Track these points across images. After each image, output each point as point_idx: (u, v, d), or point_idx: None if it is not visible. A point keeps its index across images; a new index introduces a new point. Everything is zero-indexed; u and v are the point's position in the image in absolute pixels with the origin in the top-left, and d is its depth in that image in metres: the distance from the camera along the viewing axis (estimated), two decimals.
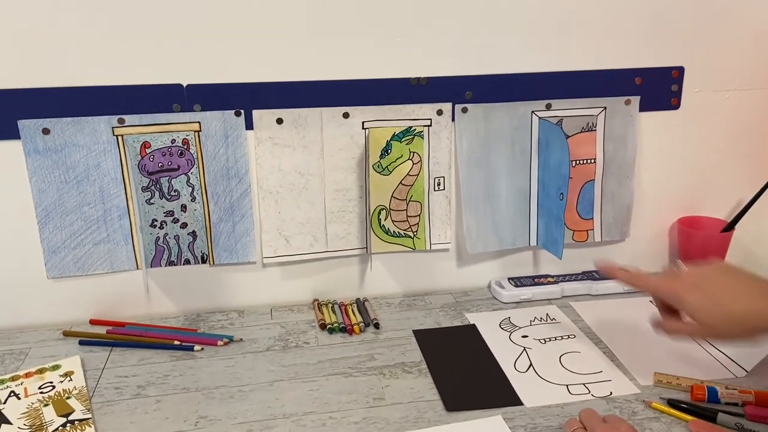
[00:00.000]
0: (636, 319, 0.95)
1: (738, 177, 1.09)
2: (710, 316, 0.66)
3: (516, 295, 1.01)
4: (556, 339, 0.90)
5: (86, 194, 0.91)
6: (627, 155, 1.03)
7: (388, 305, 1.01)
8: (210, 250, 0.96)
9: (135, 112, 0.89)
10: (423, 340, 0.90)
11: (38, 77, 0.85)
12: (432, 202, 1.01)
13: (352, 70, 0.92)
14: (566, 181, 0.94)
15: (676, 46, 1.00)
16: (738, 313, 0.65)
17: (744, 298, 0.65)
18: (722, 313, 0.65)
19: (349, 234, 1.00)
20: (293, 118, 0.93)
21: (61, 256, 0.93)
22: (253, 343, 0.90)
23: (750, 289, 0.66)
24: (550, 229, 1.00)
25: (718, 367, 0.83)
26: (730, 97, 1.04)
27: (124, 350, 0.89)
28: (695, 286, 0.68)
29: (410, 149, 0.97)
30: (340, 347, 0.89)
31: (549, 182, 0.99)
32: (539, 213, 1.03)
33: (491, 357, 0.86)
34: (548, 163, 0.99)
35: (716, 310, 0.66)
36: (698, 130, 1.05)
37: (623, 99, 1.00)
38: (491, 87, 0.96)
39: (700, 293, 0.67)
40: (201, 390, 0.79)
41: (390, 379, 0.81)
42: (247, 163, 0.94)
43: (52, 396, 0.78)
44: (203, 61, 0.88)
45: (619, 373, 0.82)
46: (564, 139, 0.96)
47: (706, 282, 0.68)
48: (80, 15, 0.83)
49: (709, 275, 0.69)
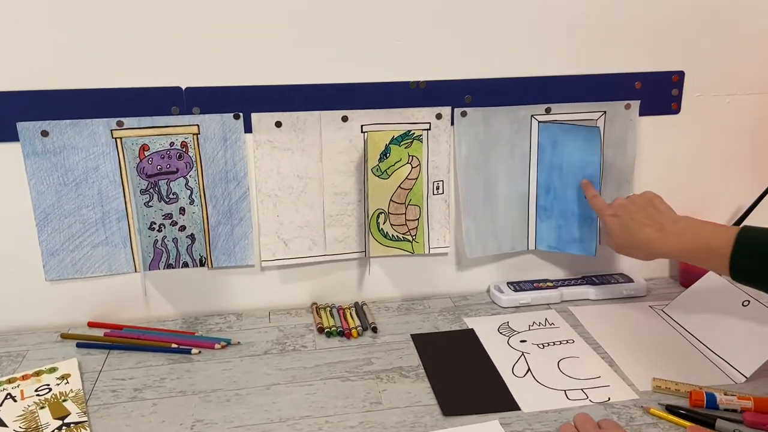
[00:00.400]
0: (635, 323, 0.95)
1: (738, 182, 1.09)
2: (619, 239, 0.88)
3: (515, 299, 1.01)
4: (555, 344, 0.90)
5: (85, 197, 0.91)
6: (626, 160, 1.03)
7: (386, 309, 1.01)
8: (208, 253, 0.96)
9: (134, 115, 0.89)
10: (421, 345, 0.90)
11: (37, 80, 0.85)
12: (431, 206, 1.00)
13: (351, 74, 0.92)
14: (596, 180, 0.98)
15: (677, 51, 1.00)
16: (638, 241, 0.84)
17: (644, 229, 0.83)
18: (627, 239, 0.86)
19: (348, 238, 1.00)
20: (292, 121, 0.93)
21: (60, 259, 0.93)
22: (251, 347, 0.90)
23: (653, 222, 0.83)
24: (569, 230, 1.01)
25: (717, 373, 0.82)
26: (731, 101, 1.04)
27: (121, 353, 0.89)
28: (615, 213, 0.88)
29: (409, 153, 0.97)
30: (338, 351, 0.89)
31: (561, 184, 1.00)
32: (542, 216, 1.03)
33: (489, 362, 0.86)
34: (560, 165, 0.99)
35: (624, 236, 0.86)
36: (698, 134, 1.05)
37: (623, 103, 1.00)
38: (491, 91, 0.96)
39: (617, 220, 0.87)
40: (198, 393, 0.79)
41: (387, 384, 0.81)
42: (245, 166, 0.94)
43: (48, 399, 0.78)
44: (202, 63, 0.88)
45: (617, 378, 0.81)
46: (597, 139, 0.97)
47: (624, 211, 0.87)
48: (79, 18, 0.83)
49: (629, 206, 0.87)
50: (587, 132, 0.98)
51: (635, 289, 1.03)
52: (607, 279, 1.06)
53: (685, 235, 0.80)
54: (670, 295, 1.01)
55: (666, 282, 1.10)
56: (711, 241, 0.76)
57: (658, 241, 0.82)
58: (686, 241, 0.79)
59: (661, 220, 0.83)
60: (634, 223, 0.85)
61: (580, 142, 0.98)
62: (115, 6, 0.84)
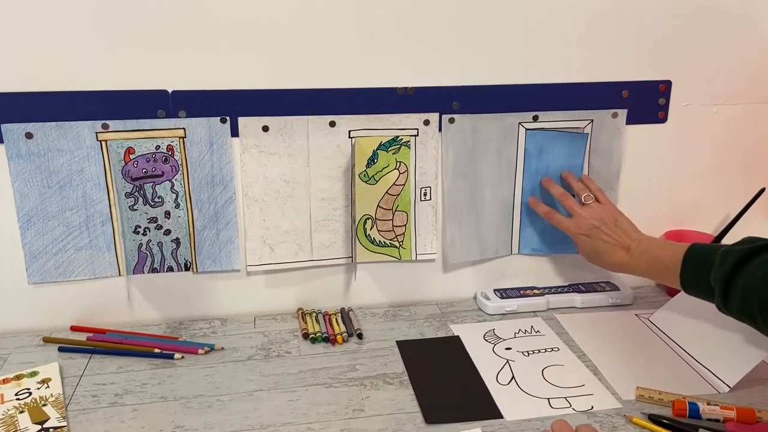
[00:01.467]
0: (620, 332, 0.95)
1: (725, 191, 1.09)
2: (589, 258, 0.94)
3: (501, 306, 1.01)
4: (540, 352, 0.90)
5: (69, 199, 0.90)
6: (612, 168, 1.03)
7: (372, 315, 1.01)
8: (193, 258, 0.96)
9: (119, 118, 0.88)
10: (406, 351, 0.90)
11: (22, 81, 0.84)
12: (418, 212, 1.00)
13: (339, 79, 0.92)
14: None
15: (664, 60, 1.00)
16: (609, 263, 0.91)
17: (615, 251, 0.90)
18: (597, 259, 0.93)
19: (335, 243, 0.99)
20: (279, 125, 0.93)
21: (43, 262, 0.92)
22: (235, 352, 0.89)
23: (622, 244, 0.90)
24: (555, 232, 1.01)
25: (701, 382, 0.82)
26: (718, 111, 1.04)
27: (103, 357, 0.88)
28: (587, 234, 0.93)
29: (397, 159, 0.96)
30: (322, 357, 0.88)
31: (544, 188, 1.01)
32: (526, 221, 1.04)
33: (474, 369, 0.85)
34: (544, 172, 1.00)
35: (594, 256, 0.93)
36: (685, 143, 1.05)
37: (610, 112, 1.00)
38: (479, 98, 0.96)
39: (589, 240, 0.93)
40: (179, 399, 0.78)
41: (371, 390, 0.81)
42: (232, 171, 0.93)
43: (28, 403, 0.77)
44: (189, 67, 0.88)
45: (601, 386, 0.81)
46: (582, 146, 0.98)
47: (596, 233, 0.92)
48: (65, 19, 0.83)
49: (601, 228, 0.92)
50: (573, 138, 0.99)
51: (621, 298, 1.03)
52: (593, 287, 1.06)
53: (646, 255, 0.86)
54: (656, 303, 1.01)
55: (652, 290, 1.10)
56: (665, 260, 0.82)
57: (626, 264, 0.88)
58: (647, 261, 0.86)
59: (628, 243, 0.89)
60: (606, 246, 0.91)
61: (565, 148, 0.99)
62: (102, 8, 0.83)
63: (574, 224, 0.94)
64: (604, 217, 0.93)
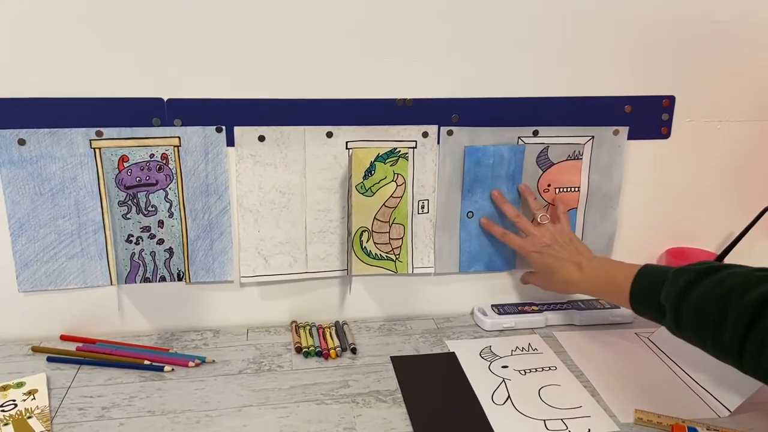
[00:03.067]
0: (619, 351, 0.93)
1: (729, 208, 1.07)
2: (542, 276, 0.95)
3: (498, 323, 0.99)
4: (537, 370, 0.88)
5: (61, 207, 0.89)
6: (612, 186, 1.01)
7: (367, 329, 0.99)
8: (186, 268, 0.94)
9: (114, 125, 0.87)
10: (400, 368, 0.88)
11: (15, 87, 0.83)
12: (415, 225, 0.99)
13: (336, 90, 0.91)
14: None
15: (668, 75, 0.99)
16: (560, 280, 0.90)
17: (568, 267, 0.89)
18: (550, 278, 0.92)
19: (330, 255, 0.98)
20: (276, 135, 0.91)
21: (34, 270, 0.90)
22: (226, 365, 0.88)
23: (574, 261, 0.89)
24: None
25: (701, 405, 0.80)
26: (722, 127, 1.03)
27: (92, 368, 0.86)
28: (540, 251, 0.93)
29: (394, 171, 0.95)
30: (315, 372, 0.86)
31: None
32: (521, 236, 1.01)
33: (469, 387, 0.83)
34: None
35: (547, 275, 0.92)
36: (689, 160, 1.04)
37: (612, 129, 0.99)
38: (478, 110, 0.95)
39: (542, 258, 0.92)
40: (167, 414, 0.77)
41: (363, 408, 0.79)
42: (227, 180, 0.92)
43: (13, 415, 0.75)
44: (185, 75, 0.87)
45: (599, 408, 0.79)
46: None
47: (549, 250, 0.92)
48: (60, 25, 0.82)
49: (553, 246, 0.92)
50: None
51: (621, 316, 1.01)
52: (593, 304, 1.04)
53: (598, 273, 0.86)
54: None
55: None
56: (617, 278, 0.80)
57: (576, 280, 0.88)
58: (598, 279, 0.85)
59: (580, 260, 0.89)
60: (558, 262, 0.90)
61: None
62: (98, 15, 0.82)
63: (528, 243, 0.94)
64: (558, 235, 0.93)
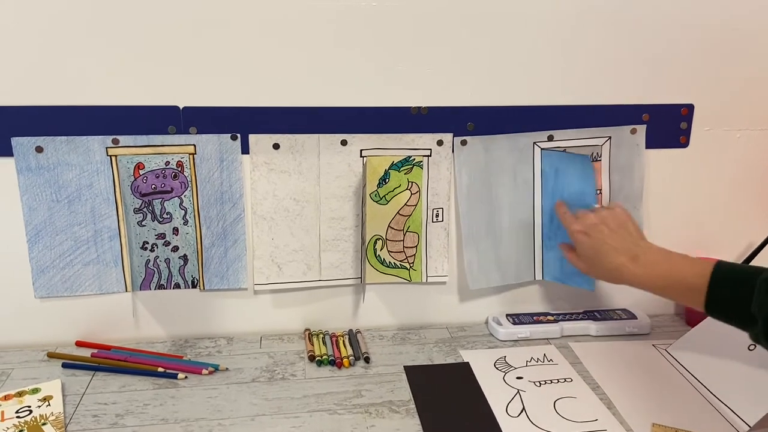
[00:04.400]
0: (637, 363, 0.92)
1: (749, 218, 1.06)
2: (587, 260, 0.83)
3: (513, 333, 0.98)
4: (552, 382, 0.87)
5: (77, 214, 0.89)
6: (634, 185, 1.00)
7: (381, 338, 0.99)
8: (201, 275, 0.95)
9: (130, 133, 0.87)
10: (414, 378, 0.87)
11: (33, 95, 0.84)
12: (430, 233, 0.98)
13: (351, 98, 0.91)
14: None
15: (686, 83, 0.97)
16: (607, 267, 0.80)
17: (617, 256, 0.78)
18: (596, 262, 0.81)
19: (344, 263, 0.98)
20: (290, 143, 0.91)
21: (50, 276, 0.91)
22: (239, 373, 0.88)
23: (625, 249, 0.78)
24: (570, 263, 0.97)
25: (720, 420, 0.79)
26: (741, 136, 1.01)
27: (106, 375, 0.87)
28: (586, 232, 0.83)
29: (409, 179, 0.95)
30: (328, 381, 0.86)
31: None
32: (548, 246, 1.00)
33: (483, 399, 0.83)
34: (561, 194, 0.96)
35: (592, 258, 0.82)
36: (707, 169, 1.02)
37: (629, 128, 0.98)
38: (493, 118, 0.94)
39: (588, 240, 0.82)
40: (180, 422, 0.77)
41: (375, 419, 0.78)
42: (241, 188, 0.92)
43: (27, 421, 0.76)
44: (200, 83, 0.87)
45: (615, 422, 0.78)
46: (589, 168, 0.92)
47: (596, 231, 0.82)
48: (78, 35, 0.83)
49: (601, 227, 0.82)
50: (580, 160, 0.94)
51: (638, 327, 1.00)
52: (609, 315, 1.03)
53: (658, 267, 0.75)
54: (675, 333, 0.97)
55: (671, 319, 1.07)
56: (686, 276, 0.72)
57: (629, 273, 0.77)
58: (659, 274, 0.75)
59: (635, 250, 0.78)
60: (607, 248, 0.80)
61: (578, 171, 0.94)
62: (115, 24, 0.83)
63: (576, 222, 0.85)
64: (609, 218, 0.82)
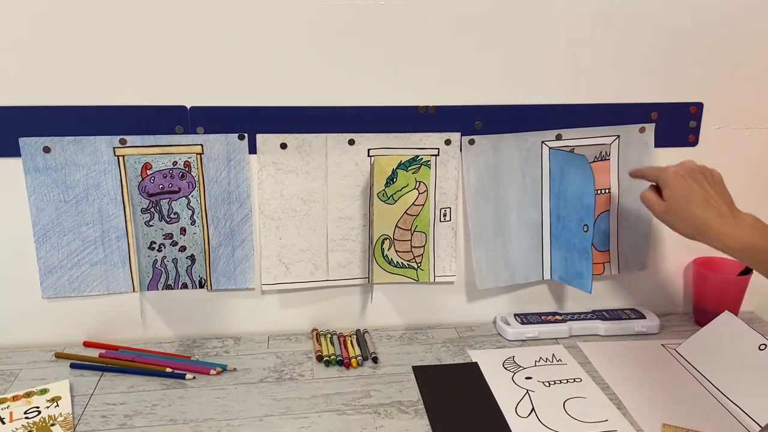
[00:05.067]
0: (646, 363, 0.91)
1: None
2: (675, 204, 0.77)
3: (522, 332, 0.97)
4: (561, 382, 0.86)
5: (85, 214, 0.89)
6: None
7: (388, 338, 0.98)
8: (208, 275, 0.94)
9: (137, 133, 0.87)
10: (422, 378, 0.87)
11: (41, 95, 0.84)
12: (437, 233, 0.98)
13: (358, 97, 0.90)
14: (590, 212, 0.91)
15: (695, 82, 0.97)
16: (697, 215, 0.75)
17: (709, 208, 0.75)
18: (684, 209, 0.76)
19: (351, 263, 0.97)
20: (298, 143, 0.91)
21: (57, 276, 0.91)
22: (247, 374, 0.87)
23: (719, 204, 0.75)
24: (572, 263, 0.97)
25: (730, 420, 0.78)
26: (751, 134, 1.01)
27: (114, 375, 0.87)
28: (683, 175, 0.77)
29: (416, 178, 0.94)
30: (336, 382, 0.86)
31: (566, 213, 0.96)
32: (554, 245, 1.00)
33: (492, 399, 0.82)
34: (565, 194, 0.96)
35: (682, 204, 0.76)
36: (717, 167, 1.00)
37: (638, 127, 0.97)
38: (501, 117, 0.94)
39: (684, 183, 0.76)
40: (188, 423, 0.77)
41: (384, 419, 0.78)
42: (249, 188, 0.92)
43: (36, 422, 0.76)
44: (208, 83, 0.87)
45: (625, 423, 0.78)
46: (587, 169, 0.91)
47: (695, 178, 0.77)
48: (85, 34, 0.82)
49: (701, 176, 0.77)
50: (579, 161, 0.93)
51: (648, 326, 1.00)
52: (618, 314, 1.02)
53: (749, 231, 0.73)
54: (685, 333, 0.97)
55: (680, 319, 1.06)
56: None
57: (717, 227, 0.74)
58: (747, 238, 0.72)
59: (728, 209, 0.75)
60: (702, 197, 0.75)
61: (578, 171, 0.93)
62: (122, 23, 0.83)
63: (674, 166, 0.79)
64: (708, 173, 0.78)
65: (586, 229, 0.92)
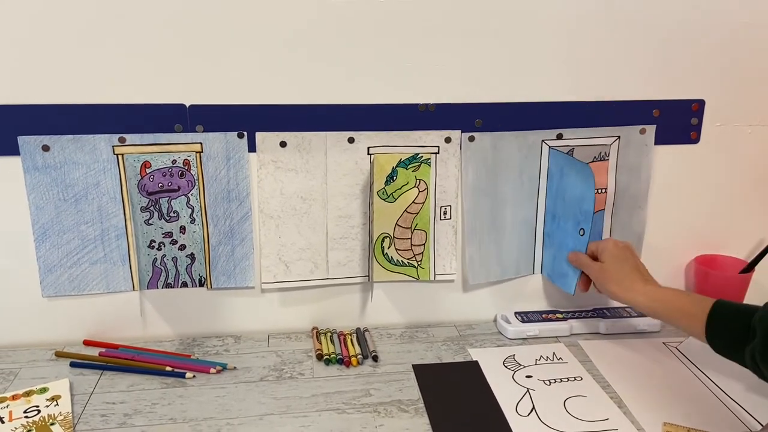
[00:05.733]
0: (647, 361, 0.91)
1: (759, 215, 1.05)
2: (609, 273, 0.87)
3: (522, 331, 0.97)
4: (562, 381, 0.86)
5: (84, 213, 0.89)
6: (641, 186, 0.99)
7: (389, 336, 0.98)
8: (208, 274, 0.94)
9: (136, 132, 0.87)
10: (422, 376, 0.87)
11: (40, 93, 0.84)
12: (438, 231, 0.97)
13: (358, 95, 0.90)
14: (589, 217, 0.91)
15: (697, 78, 0.96)
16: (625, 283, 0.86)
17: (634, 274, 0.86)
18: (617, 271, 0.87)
19: (351, 261, 0.97)
20: (297, 141, 0.91)
21: (57, 275, 0.91)
22: (247, 372, 0.87)
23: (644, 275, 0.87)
24: (560, 263, 0.97)
25: (732, 419, 0.78)
26: (753, 132, 1.00)
27: (114, 374, 0.86)
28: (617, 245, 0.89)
29: (416, 176, 0.94)
30: (336, 380, 0.86)
31: (563, 214, 0.96)
32: (546, 242, 1.00)
33: (492, 398, 0.82)
34: (563, 194, 0.95)
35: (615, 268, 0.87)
36: (718, 165, 1.01)
37: (638, 128, 0.97)
38: (502, 115, 0.93)
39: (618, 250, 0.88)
40: (188, 421, 0.77)
41: (384, 418, 0.78)
42: (248, 186, 0.91)
43: (36, 421, 0.76)
44: (207, 81, 0.86)
45: (626, 421, 0.77)
46: (590, 176, 0.91)
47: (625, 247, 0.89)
48: (83, 32, 0.82)
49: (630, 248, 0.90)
50: (581, 168, 0.92)
51: (648, 324, 0.99)
52: (618, 312, 1.02)
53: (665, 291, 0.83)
54: None
55: None
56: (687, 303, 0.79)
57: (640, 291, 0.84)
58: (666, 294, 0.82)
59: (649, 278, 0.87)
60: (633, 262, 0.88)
61: (580, 177, 0.93)
62: (121, 22, 0.82)
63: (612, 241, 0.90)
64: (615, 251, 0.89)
65: (583, 233, 0.92)
